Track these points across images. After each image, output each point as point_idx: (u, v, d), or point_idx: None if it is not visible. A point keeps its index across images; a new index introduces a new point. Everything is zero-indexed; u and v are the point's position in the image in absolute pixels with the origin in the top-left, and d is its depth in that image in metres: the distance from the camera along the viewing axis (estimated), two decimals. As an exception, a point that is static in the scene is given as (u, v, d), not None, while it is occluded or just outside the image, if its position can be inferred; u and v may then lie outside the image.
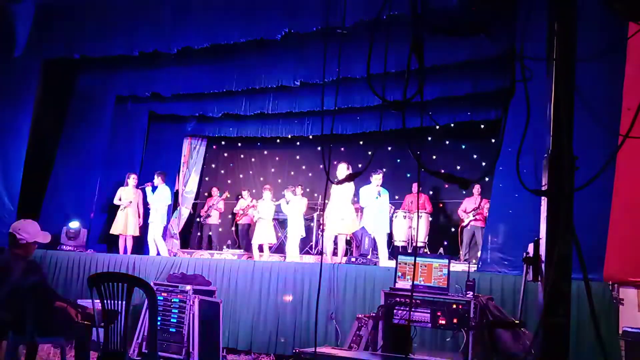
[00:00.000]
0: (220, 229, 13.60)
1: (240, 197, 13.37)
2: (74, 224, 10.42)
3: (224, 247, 13.00)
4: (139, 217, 11.14)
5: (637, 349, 5.15)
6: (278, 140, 14.19)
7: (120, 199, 10.96)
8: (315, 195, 13.20)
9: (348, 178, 3.01)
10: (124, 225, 10.88)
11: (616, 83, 6.29)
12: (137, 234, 11.09)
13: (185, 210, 13.85)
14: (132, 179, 11.13)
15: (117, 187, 11.47)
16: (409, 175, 11.36)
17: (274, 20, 8.73)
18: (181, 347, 6.72)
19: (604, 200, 6.04)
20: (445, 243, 11.85)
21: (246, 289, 7.90)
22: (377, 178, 9.18)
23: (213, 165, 15.21)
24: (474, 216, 10.54)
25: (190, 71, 10.72)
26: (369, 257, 8.65)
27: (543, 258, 2.41)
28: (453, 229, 11.79)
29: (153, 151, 13.06)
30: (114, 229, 10.92)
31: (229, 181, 14.88)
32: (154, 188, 11.01)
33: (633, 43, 5.79)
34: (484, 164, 11.91)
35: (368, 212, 9.26)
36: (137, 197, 11.10)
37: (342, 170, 9.20)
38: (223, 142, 15.05)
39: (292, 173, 14.31)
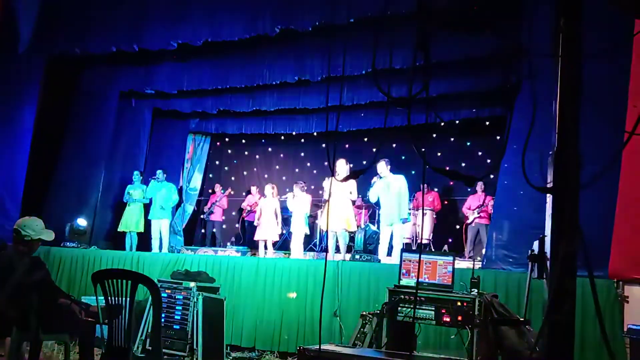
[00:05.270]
0: (224, 226, 13.60)
1: (249, 193, 13.38)
2: (82, 221, 10.40)
3: (228, 243, 13.00)
4: (144, 213, 11.16)
5: (642, 347, 5.14)
6: (282, 137, 14.17)
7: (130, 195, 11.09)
8: (320, 192, 13.17)
9: (352, 175, 3.01)
10: (130, 222, 10.91)
11: (622, 80, 6.26)
12: (142, 230, 11.10)
13: (189, 207, 13.85)
14: (135, 175, 11.17)
15: (121, 183, 11.48)
16: (413, 172, 11.32)
17: (276, 16, 8.73)
18: (185, 344, 6.71)
19: (610, 198, 6.02)
20: (450, 240, 11.83)
21: (250, 285, 7.89)
22: (379, 165, 9.12)
23: (217, 162, 15.20)
24: (478, 213, 10.53)
25: (193, 68, 10.75)
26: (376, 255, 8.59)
27: (548, 255, 2.40)
28: (457, 226, 11.78)
29: (157, 148, 13.09)
30: (120, 226, 10.96)
31: (232, 178, 14.87)
32: (158, 185, 11.02)
33: (639, 40, 5.77)
34: (488, 161, 11.88)
35: (381, 206, 9.23)
36: (142, 193, 11.12)
37: (341, 165, 9.16)
38: (227, 139, 15.03)
39: (297, 170, 14.28)
